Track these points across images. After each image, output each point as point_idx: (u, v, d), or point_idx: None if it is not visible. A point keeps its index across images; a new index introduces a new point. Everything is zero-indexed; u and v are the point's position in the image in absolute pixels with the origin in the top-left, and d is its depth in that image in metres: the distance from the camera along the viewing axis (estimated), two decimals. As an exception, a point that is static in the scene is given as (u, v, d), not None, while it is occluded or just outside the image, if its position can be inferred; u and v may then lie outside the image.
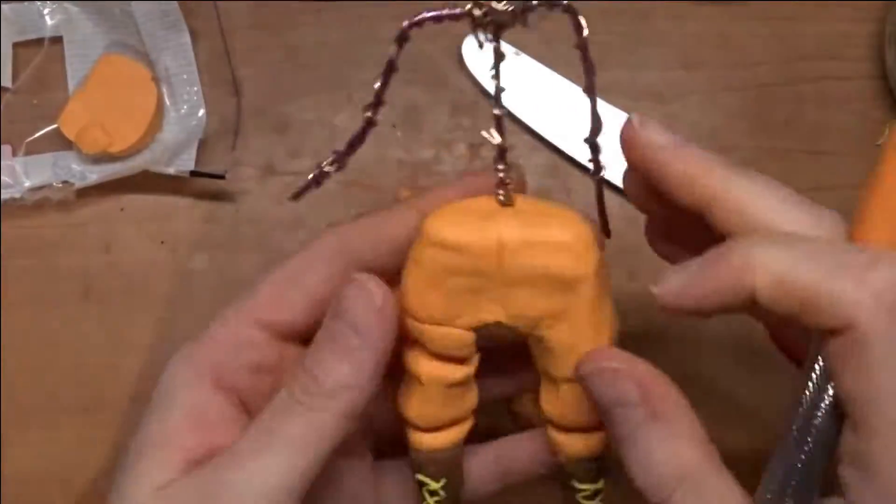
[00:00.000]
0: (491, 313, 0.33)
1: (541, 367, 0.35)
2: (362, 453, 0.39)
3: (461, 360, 0.35)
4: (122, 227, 0.51)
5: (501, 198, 0.34)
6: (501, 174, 0.33)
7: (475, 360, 0.35)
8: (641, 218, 0.51)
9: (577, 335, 0.33)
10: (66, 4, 0.52)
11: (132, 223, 0.51)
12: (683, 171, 0.32)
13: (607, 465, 0.36)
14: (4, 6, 0.52)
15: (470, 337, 0.34)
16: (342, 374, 0.32)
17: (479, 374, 0.36)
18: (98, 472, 0.48)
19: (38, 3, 0.52)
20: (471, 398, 0.36)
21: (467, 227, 0.32)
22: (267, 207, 0.51)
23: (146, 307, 0.50)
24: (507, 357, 0.38)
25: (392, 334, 0.33)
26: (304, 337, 0.37)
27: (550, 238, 0.32)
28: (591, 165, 0.37)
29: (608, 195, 0.51)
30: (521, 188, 0.37)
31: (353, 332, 0.32)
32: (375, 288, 0.33)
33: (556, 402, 0.35)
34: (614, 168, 0.51)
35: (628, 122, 0.34)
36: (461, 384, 0.35)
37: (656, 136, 0.33)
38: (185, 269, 0.51)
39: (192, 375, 0.35)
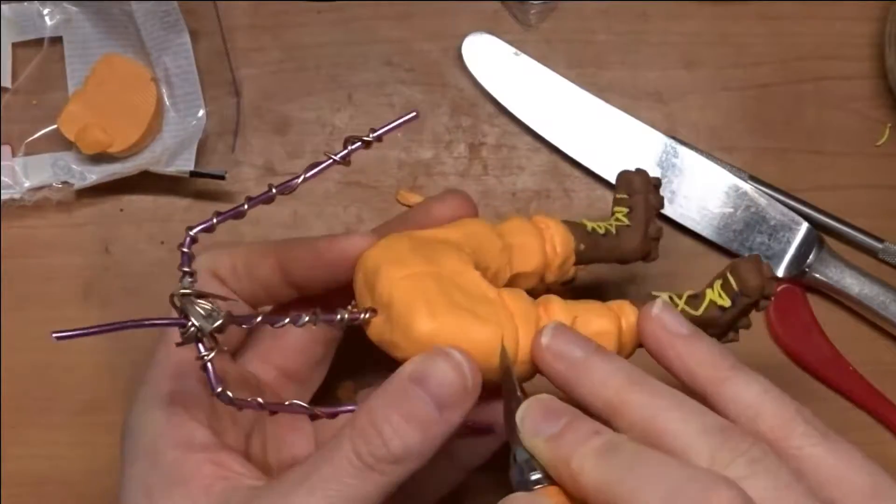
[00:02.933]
0: None
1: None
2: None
3: None
4: (122, 228, 0.51)
5: None
6: None
7: None
8: (641, 218, 0.51)
9: None
10: (65, 5, 0.52)
11: (132, 223, 0.51)
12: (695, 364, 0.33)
13: None
14: (4, 6, 0.52)
15: None
16: (414, 442, 0.32)
17: None
18: (97, 472, 0.48)
19: (38, 3, 0.52)
20: None
21: None
22: (267, 207, 0.51)
23: (146, 307, 0.50)
24: None
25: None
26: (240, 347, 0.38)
27: None
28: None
29: (608, 196, 0.51)
30: None
31: (434, 404, 0.32)
32: (469, 368, 0.32)
33: None
34: (613, 169, 0.51)
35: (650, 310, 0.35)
36: None
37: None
38: (185, 269, 0.51)
39: (163, 412, 0.35)
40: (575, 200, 0.51)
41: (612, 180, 0.51)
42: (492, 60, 0.51)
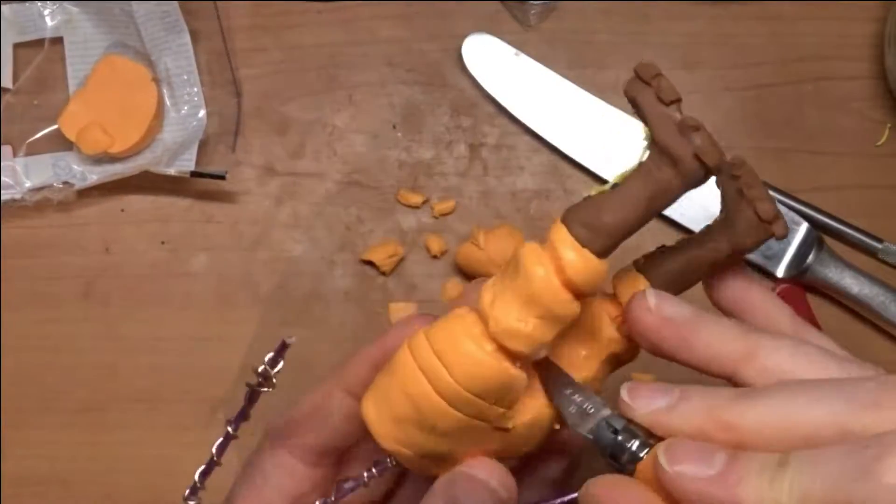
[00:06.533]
0: None
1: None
2: None
3: None
4: (123, 228, 0.51)
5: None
6: None
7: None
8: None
9: None
10: (66, 5, 0.52)
11: (132, 224, 0.51)
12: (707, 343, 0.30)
13: None
14: (5, 7, 0.52)
15: None
16: None
17: None
18: (97, 472, 0.48)
19: (39, 3, 0.52)
20: None
21: None
22: (267, 208, 0.51)
23: (146, 307, 0.50)
24: None
25: None
26: None
27: None
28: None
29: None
30: None
31: None
32: (504, 480, 0.31)
33: None
34: (614, 169, 0.51)
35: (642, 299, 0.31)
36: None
37: (674, 310, 0.31)
38: (185, 269, 0.51)
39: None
40: (575, 201, 0.51)
41: (613, 180, 0.51)
42: (492, 60, 0.51)
